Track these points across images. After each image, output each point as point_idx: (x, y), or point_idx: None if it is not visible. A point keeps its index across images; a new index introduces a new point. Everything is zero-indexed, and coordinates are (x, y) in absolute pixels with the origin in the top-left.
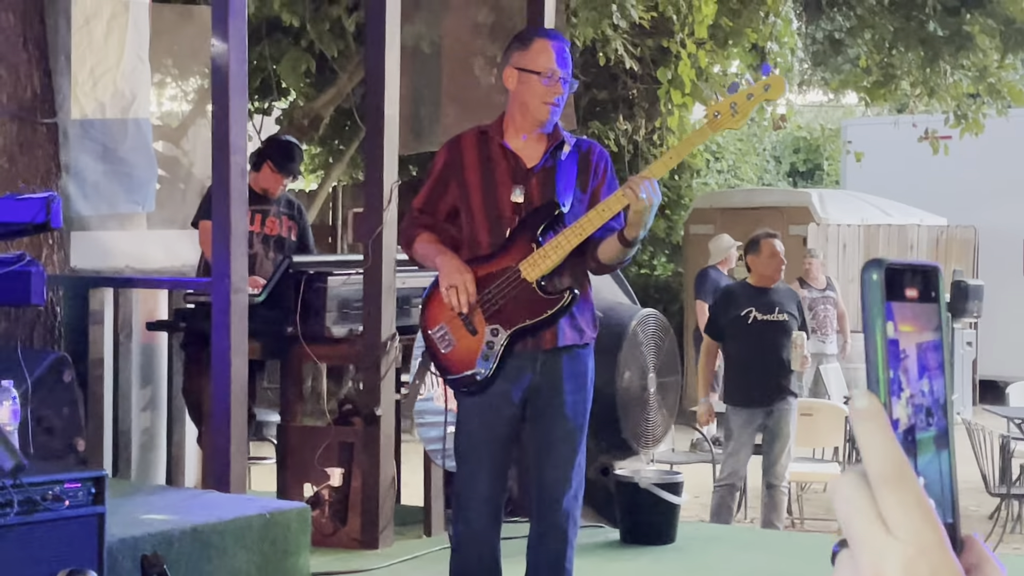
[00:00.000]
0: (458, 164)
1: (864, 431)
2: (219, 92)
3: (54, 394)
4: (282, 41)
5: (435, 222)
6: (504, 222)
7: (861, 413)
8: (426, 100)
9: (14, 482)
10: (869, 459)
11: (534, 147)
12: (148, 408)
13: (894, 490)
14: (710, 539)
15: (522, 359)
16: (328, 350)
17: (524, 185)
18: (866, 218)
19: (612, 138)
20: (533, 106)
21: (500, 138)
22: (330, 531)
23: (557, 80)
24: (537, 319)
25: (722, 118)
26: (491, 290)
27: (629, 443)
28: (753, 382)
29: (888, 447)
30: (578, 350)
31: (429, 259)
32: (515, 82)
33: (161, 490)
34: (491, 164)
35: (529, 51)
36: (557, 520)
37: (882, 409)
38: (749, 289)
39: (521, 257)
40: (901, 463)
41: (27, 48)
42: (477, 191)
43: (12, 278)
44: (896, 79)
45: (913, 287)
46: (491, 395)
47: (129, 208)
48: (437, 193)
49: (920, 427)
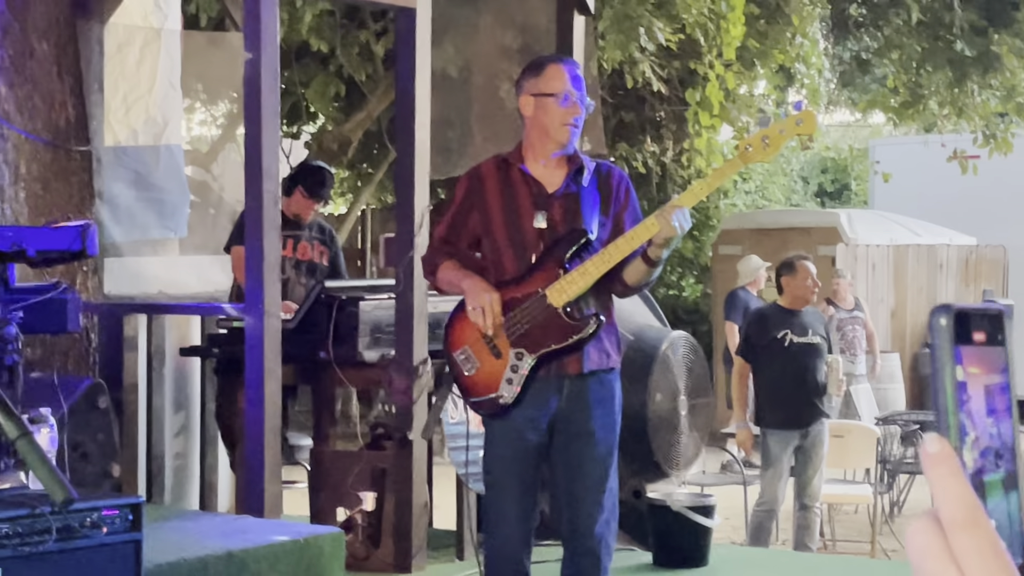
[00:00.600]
0: (479, 192)
1: (936, 476)
2: (251, 118)
3: (89, 420)
4: (311, 66)
5: (457, 250)
6: (528, 248)
7: (933, 458)
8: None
9: (53, 509)
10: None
11: (554, 172)
12: (181, 433)
13: (969, 535)
14: (743, 562)
15: (547, 384)
16: (360, 374)
17: (546, 211)
18: (895, 238)
19: (640, 160)
20: (553, 129)
21: (520, 164)
22: (363, 555)
23: (574, 101)
24: (563, 344)
25: (753, 151)
26: (516, 314)
27: (660, 466)
28: (790, 404)
29: (961, 491)
30: (604, 375)
31: (454, 284)
32: (532, 108)
33: (195, 515)
34: (512, 191)
35: (543, 76)
36: (590, 546)
37: (953, 453)
38: (782, 311)
39: (548, 282)
40: (975, 507)
41: (61, 76)
42: (499, 218)
43: (49, 306)
44: (924, 99)
45: (981, 331)
46: (516, 420)
47: (162, 234)
48: (459, 222)
49: (988, 470)
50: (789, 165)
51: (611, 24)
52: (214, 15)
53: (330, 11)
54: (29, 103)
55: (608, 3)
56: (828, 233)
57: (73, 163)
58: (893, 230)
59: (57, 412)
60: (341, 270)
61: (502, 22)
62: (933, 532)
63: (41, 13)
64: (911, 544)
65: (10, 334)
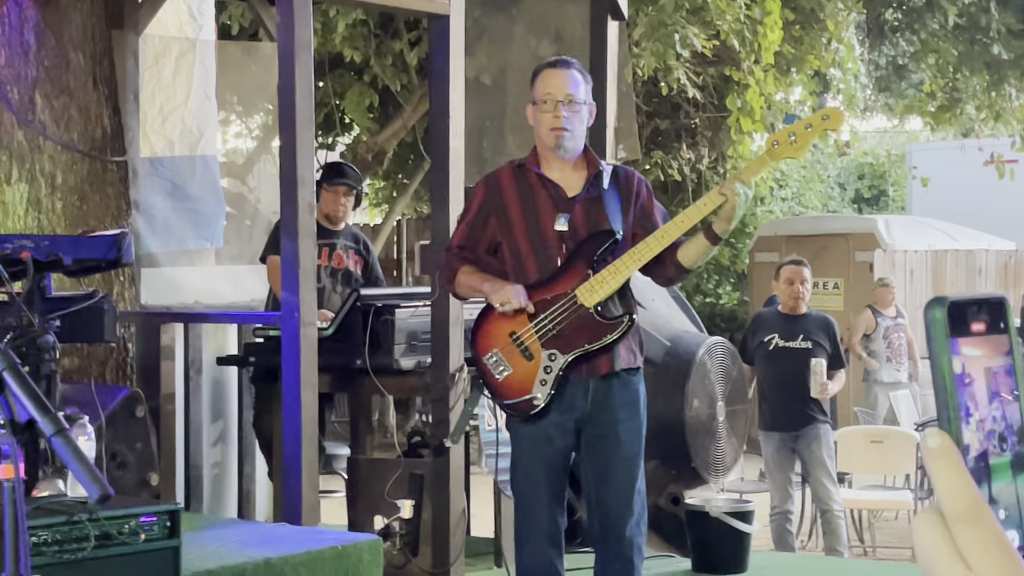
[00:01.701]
0: (497, 198)
1: (938, 469)
2: (286, 127)
3: (127, 429)
4: (345, 76)
5: (476, 256)
6: (550, 251)
7: (934, 452)
8: (489, 132)
9: (91, 516)
10: (944, 498)
11: (571, 176)
12: (219, 442)
13: (972, 528)
14: (781, 568)
15: (575, 386)
16: (397, 382)
17: (568, 213)
18: (933, 243)
19: (675, 167)
20: (542, 134)
21: (536, 168)
22: (401, 563)
23: (555, 104)
24: (597, 343)
25: (780, 147)
26: (546, 316)
27: (699, 472)
28: (776, 407)
29: (963, 485)
30: (629, 376)
31: (475, 288)
32: (530, 116)
33: (233, 523)
34: (531, 194)
35: (535, 84)
36: (621, 549)
37: (954, 447)
38: (778, 316)
39: (576, 283)
40: (976, 500)
41: (97, 87)
42: (520, 222)
43: (86, 315)
44: (961, 103)
45: (979, 321)
46: (545, 426)
47: (198, 244)
48: (476, 229)
49: (993, 452)
50: (826, 171)
51: (646, 31)
52: (247, 25)
53: (364, 21)
54: (65, 114)
55: (643, 11)
56: (865, 239)
57: (109, 174)
58: (931, 235)
59: (95, 421)
60: (380, 277)
61: (536, 30)
62: (937, 527)
63: (77, 25)
64: (917, 539)
65: (47, 343)
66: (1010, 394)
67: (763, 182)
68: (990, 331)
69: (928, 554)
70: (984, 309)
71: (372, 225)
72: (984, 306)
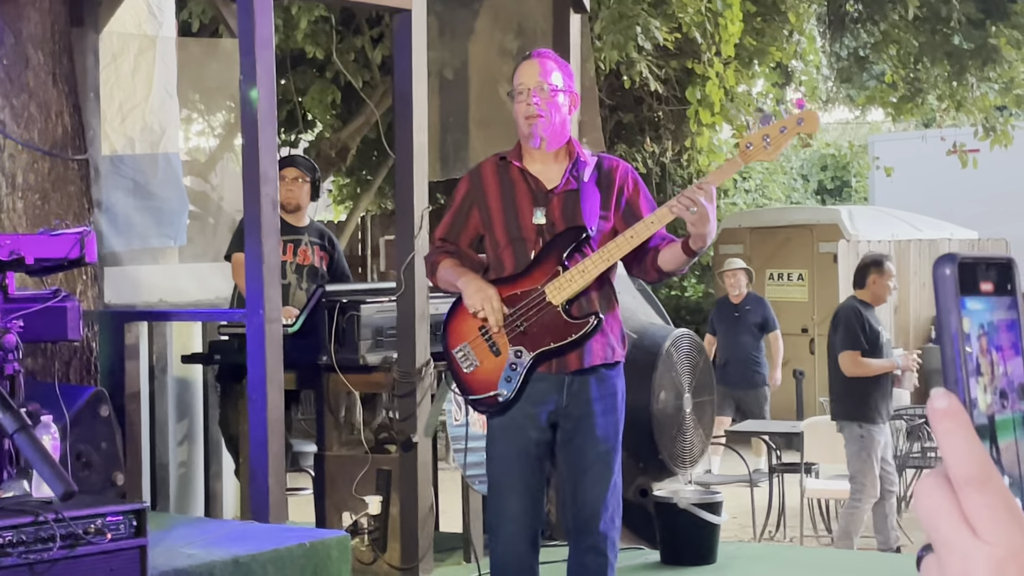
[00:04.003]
0: (479, 191)
1: (944, 431)
2: (248, 124)
3: (92, 429)
4: (307, 73)
5: (457, 249)
6: (528, 244)
7: (940, 413)
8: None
9: (56, 516)
10: (951, 461)
11: (551, 168)
12: (185, 441)
13: (979, 492)
14: (751, 558)
15: (547, 381)
16: (363, 378)
17: (545, 207)
18: (896, 233)
19: (640, 160)
20: (519, 124)
21: (519, 162)
22: (370, 559)
23: (528, 93)
24: (561, 343)
25: (754, 150)
26: (515, 311)
27: (666, 464)
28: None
29: (971, 448)
30: (606, 371)
31: (451, 283)
32: (511, 107)
33: (201, 522)
34: (511, 188)
35: (514, 76)
36: (595, 543)
37: (962, 408)
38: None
39: (546, 279)
40: (985, 463)
41: (57, 85)
42: (499, 215)
43: (48, 314)
44: (922, 93)
45: (987, 280)
46: (517, 417)
47: (161, 242)
48: (459, 221)
49: (998, 410)
50: (789, 163)
51: (608, 24)
52: (207, 21)
53: (325, 17)
54: (25, 113)
55: (604, 3)
56: (829, 230)
57: (71, 172)
58: (894, 225)
59: (59, 421)
60: (344, 272)
61: (499, 24)
62: (944, 491)
63: (36, 23)
64: (921, 504)
65: (10, 343)
66: (1012, 349)
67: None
68: (998, 292)
69: (932, 518)
70: (993, 269)
71: (336, 222)
72: (993, 266)
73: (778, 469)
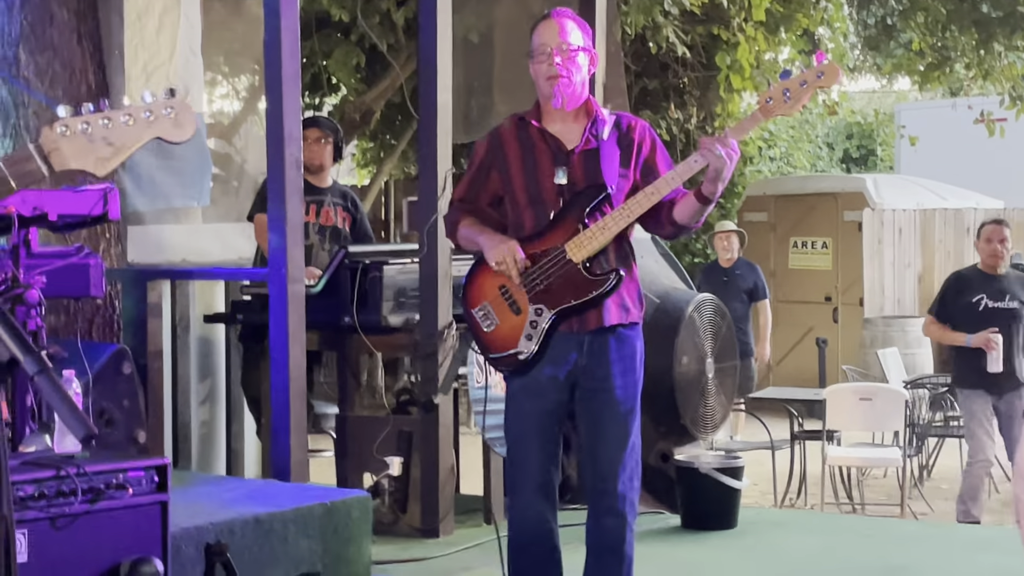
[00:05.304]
0: (499, 152)
1: None
2: (273, 87)
3: (114, 386)
4: (332, 36)
5: (477, 209)
6: (548, 205)
7: None
8: (477, 90)
9: (78, 471)
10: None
11: (571, 127)
12: (207, 401)
13: None
14: (771, 524)
15: (567, 340)
16: (385, 339)
17: (566, 167)
18: (921, 202)
19: (664, 127)
20: (540, 86)
21: (538, 122)
22: (390, 520)
23: (548, 53)
24: (582, 300)
25: (774, 104)
26: (535, 269)
27: (688, 429)
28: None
29: None
30: (624, 331)
31: (472, 241)
32: (531, 68)
33: (222, 480)
34: (531, 148)
35: (531, 39)
36: (613, 504)
37: None
38: (980, 276)
39: (567, 237)
40: None
41: (81, 44)
42: (519, 176)
43: (71, 270)
44: (950, 62)
45: None
46: (536, 377)
47: (184, 202)
48: (479, 182)
49: None
50: (814, 131)
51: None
52: None
53: None
54: (50, 70)
55: None
56: (854, 198)
57: None
58: (919, 194)
59: (82, 378)
60: (367, 233)
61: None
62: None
63: None
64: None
65: (33, 298)
66: None
67: (751, 142)
68: None
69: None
70: None
71: (360, 186)
72: None
73: (800, 437)
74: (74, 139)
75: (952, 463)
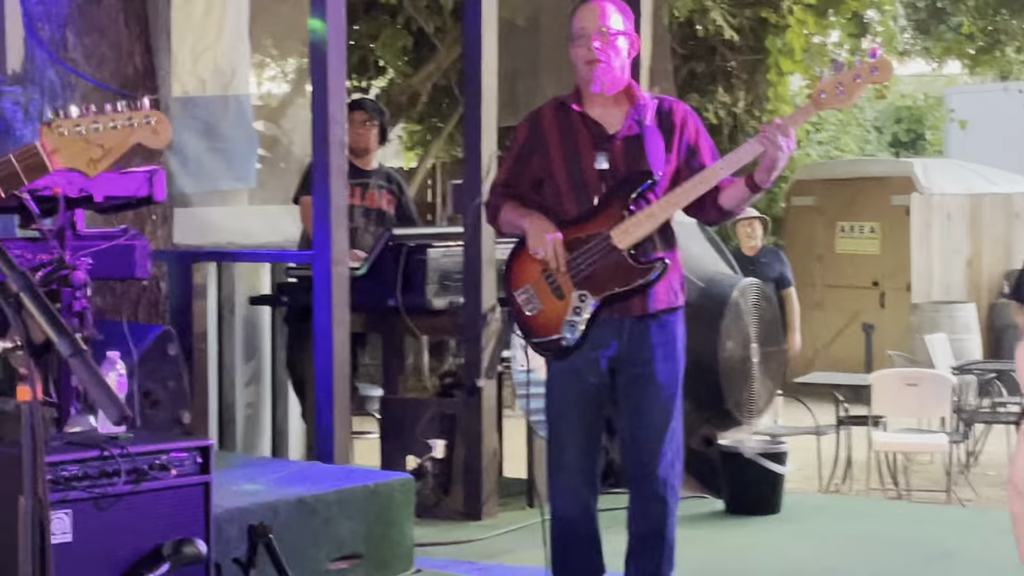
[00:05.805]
0: (540, 136)
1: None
2: (318, 66)
3: (160, 367)
4: (379, 19)
5: (518, 193)
6: (589, 190)
7: None
8: (523, 74)
9: (122, 451)
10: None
11: (612, 112)
12: (252, 382)
13: None
14: (815, 509)
15: (609, 326)
16: (429, 322)
17: (608, 152)
18: (970, 187)
19: (711, 111)
20: (578, 70)
21: (578, 107)
22: (433, 502)
23: (588, 37)
24: (627, 287)
25: (827, 98)
26: (579, 255)
27: (732, 413)
28: None
29: None
30: (666, 316)
31: (515, 225)
32: (571, 55)
33: (266, 462)
34: (572, 133)
35: (571, 22)
36: (655, 489)
37: None
38: None
39: (611, 223)
40: None
41: (128, 25)
42: (560, 160)
43: (117, 252)
44: (1000, 45)
45: None
46: (577, 362)
47: (231, 185)
48: (520, 166)
49: None
50: (863, 115)
51: None
52: None
53: None
54: (97, 52)
55: None
56: (902, 183)
57: None
58: (969, 179)
59: (127, 359)
60: (412, 216)
61: None
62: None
63: None
64: None
65: (78, 280)
66: None
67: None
68: None
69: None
70: None
71: (407, 169)
72: None
73: (846, 422)
74: (71, 140)
75: (999, 450)
